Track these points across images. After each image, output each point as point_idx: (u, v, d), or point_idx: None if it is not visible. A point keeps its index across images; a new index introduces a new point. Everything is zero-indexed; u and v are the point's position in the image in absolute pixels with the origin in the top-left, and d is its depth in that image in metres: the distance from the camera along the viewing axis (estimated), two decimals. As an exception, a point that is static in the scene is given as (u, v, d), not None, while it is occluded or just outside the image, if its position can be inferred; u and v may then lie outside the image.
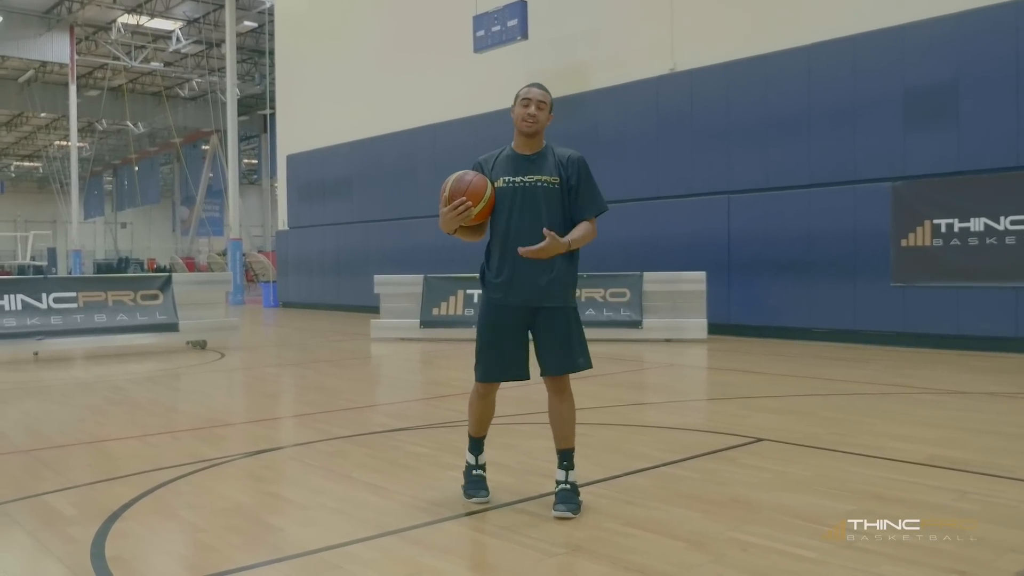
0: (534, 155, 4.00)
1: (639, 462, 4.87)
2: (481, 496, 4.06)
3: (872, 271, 11.24)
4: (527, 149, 4.01)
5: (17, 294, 10.48)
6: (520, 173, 3.94)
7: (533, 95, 3.97)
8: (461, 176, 3.89)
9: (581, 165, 4.04)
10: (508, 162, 3.98)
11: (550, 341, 3.94)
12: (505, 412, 6.48)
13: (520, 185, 3.91)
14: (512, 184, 3.91)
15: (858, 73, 11.38)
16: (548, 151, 4.03)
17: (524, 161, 3.97)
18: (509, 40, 14.57)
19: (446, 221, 3.86)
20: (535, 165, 3.97)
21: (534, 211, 3.89)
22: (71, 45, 33.83)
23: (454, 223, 3.86)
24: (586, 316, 11.95)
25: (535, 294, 3.90)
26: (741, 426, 5.89)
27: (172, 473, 4.73)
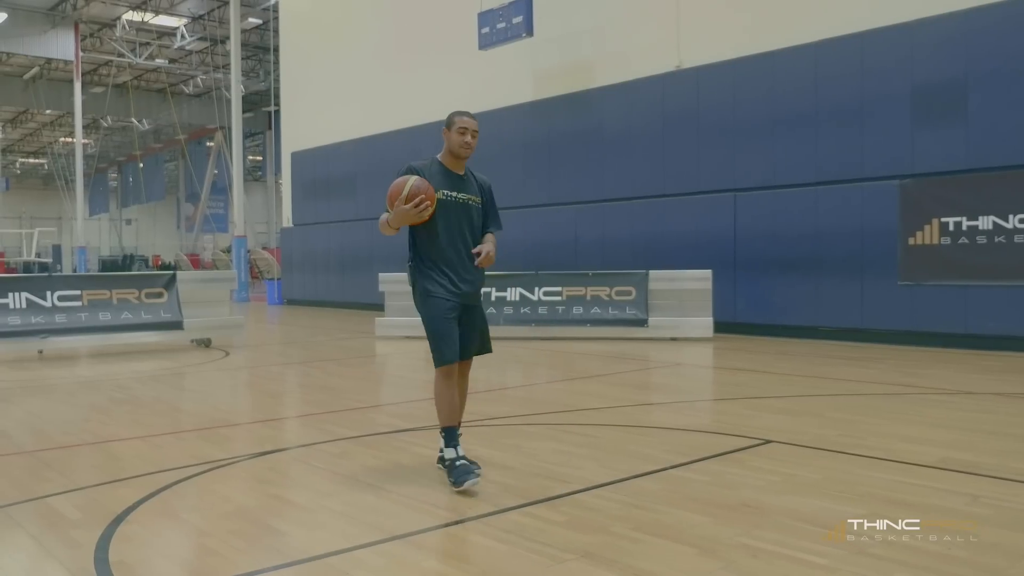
0: (464, 175, 4.64)
1: (646, 464, 4.82)
2: (472, 480, 4.30)
3: (879, 269, 11.18)
4: (459, 169, 4.63)
5: (22, 292, 10.46)
6: (456, 189, 4.55)
7: (469, 125, 4.56)
8: (415, 181, 4.35)
9: (492, 190, 4.83)
10: (444, 177, 4.53)
11: (474, 330, 4.71)
12: (513, 413, 6.45)
13: (459, 201, 4.55)
14: (452, 199, 4.52)
15: (866, 70, 11.31)
16: (470, 173, 4.70)
17: (458, 179, 4.59)
18: (514, 37, 14.51)
19: (403, 217, 4.34)
20: (466, 184, 4.63)
21: (470, 224, 4.62)
22: (76, 42, 33.82)
23: (410, 219, 4.37)
24: (591, 314, 11.97)
25: (470, 294, 4.64)
26: (749, 427, 5.84)
27: (177, 475, 4.69)
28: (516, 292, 12.62)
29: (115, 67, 37.58)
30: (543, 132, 15.51)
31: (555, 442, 5.49)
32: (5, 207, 53.98)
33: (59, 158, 50.78)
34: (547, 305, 12.50)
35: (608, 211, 14.41)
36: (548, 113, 15.44)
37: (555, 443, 5.45)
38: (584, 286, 12.45)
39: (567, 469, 4.74)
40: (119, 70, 38.37)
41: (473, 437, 5.65)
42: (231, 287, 12.63)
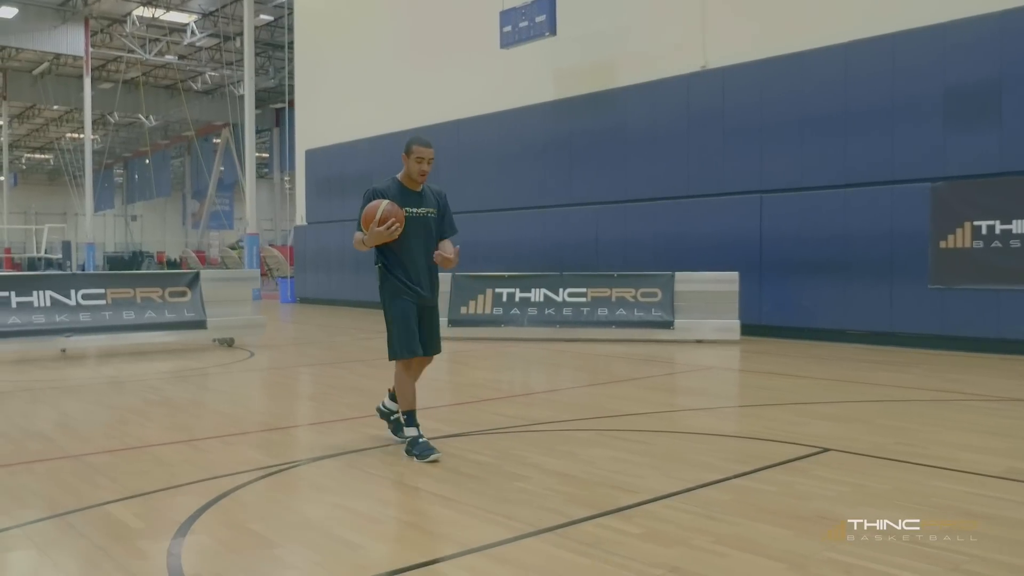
0: (420, 191, 5.25)
1: (709, 473, 4.73)
2: (436, 454, 5.03)
3: (910, 273, 11.08)
4: (416, 187, 5.23)
5: (46, 290, 10.38)
6: (415, 205, 5.18)
7: (426, 155, 5.12)
8: (387, 205, 4.97)
9: (447, 199, 5.41)
10: (403, 196, 5.15)
11: (433, 331, 5.36)
12: (557, 418, 6.35)
13: (418, 215, 5.19)
14: (412, 214, 5.14)
15: (897, 71, 11.20)
16: (426, 187, 5.28)
17: (416, 196, 5.22)
18: (537, 36, 14.41)
19: (377, 237, 4.94)
20: (423, 199, 5.25)
21: (428, 234, 5.25)
22: (86, 38, 33.74)
23: (383, 239, 4.97)
24: (616, 315, 11.88)
25: (427, 297, 5.28)
26: (801, 435, 5.74)
27: (231, 482, 4.60)
28: (540, 293, 12.52)
29: (125, 63, 37.48)
30: (564, 132, 15.41)
31: (609, 449, 5.39)
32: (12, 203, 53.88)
33: (65, 153, 50.70)
34: (572, 306, 12.39)
35: (630, 211, 14.31)
36: (569, 113, 15.34)
37: (610, 450, 5.35)
38: (609, 287, 12.35)
39: (629, 478, 4.65)
40: (128, 66, 38.29)
41: (525, 443, 5.57)
42: (253, 286, 12.53)
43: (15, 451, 5.41)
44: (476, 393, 7.84)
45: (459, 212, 18.00)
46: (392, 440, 5.51)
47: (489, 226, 16.71)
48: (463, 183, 17.41)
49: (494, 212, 16.67)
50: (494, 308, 12.59)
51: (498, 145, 16.67)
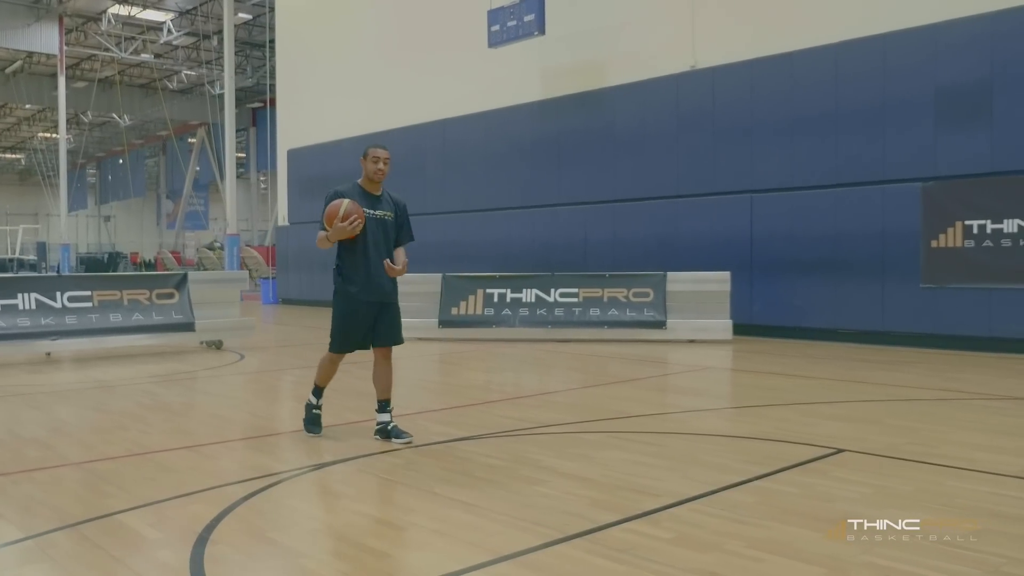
0: (380, 195, 5.61)
1: (728, 475, 4.68)
2: (316, 432, 5.72)
3: (901, 272, 11.13)
4: (375, 190, 5.59)
5: (31, 293, 10.16)
6: (374, 207, 5.52)
7: (381, 155, 5.51)
8: (348, 203, 5.30)
9: (406, 208, 5.78)
10: (363, 198, 5.48)
11: (389, 324, 5.65)
12: (564, 420, 6.27)
13: (376, 217, 5.51)
14: (370, 215, 5.46)
15: (888, 71, 11.25)
16: (386, 192, 5.66)
17: (375, 199, 5.57)
18: (525, 35, 14.34)
19: (340, 232, 5.29)
20: (381, 203, 5.60)
21: (386, 237, 5.57)
22: (60, 35, 33.24)
23: (346, 235, 5.30)
24: (608, 316, 11.84)
25: (382, 294, 5.56)
26: (812, 435, 5.72)
27: (243, 489, 4.49)
28: (532, 293, 12.45)
29: (99, 61, 36.97)
30: (552, 131, 15.35)
31: (622, 451, 5.33)
32: (-18, 203, 53.02)
33: (37, 153, 49.95)
34: (563, 307, 12.34)
35: (619, 211, 14.28)
36: (558, 112, 15.28)
37: (623, 452, 5.29)
38: (601, 287, 12.31)
39: (649, 481, 4.59)
40: (103, 65, 37.77)
41: (536, 445, 5.50)
42: (242, 288, 12.36)
43: (13, 459, 5.25)
44: (477, 395, 7.76)
45: (445, 212, 17.85)
46: (398, 443, 5.51)
47: (476, 226, 16.62)
48: (449, 183, 17.33)
49: (481, 212, 16.58)
50: (485, 309, 12.51)
51: (485, 145, 16.58)
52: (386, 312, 5.61)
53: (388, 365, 5.69)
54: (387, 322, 5.62)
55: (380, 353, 5.67)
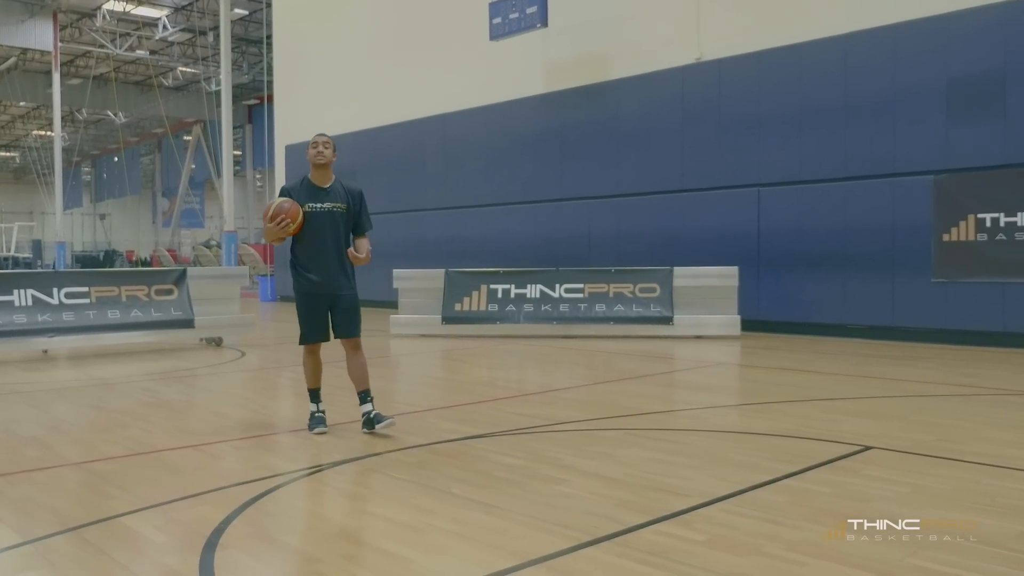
0: (328, 187, 5.56)
1: (756, 474, 4.50)
2: (321, 428, 5.61)
3: (912, 266, 10.96)
4: (322, 182, 5.56)
5: (28, 289, 9.94)
6: (320, 200, 5.50)
7: (319, 140, 5.54)
8: (281, 203, 5.36)
9: (362, 196, 5.73)
10: (309, 192, 5.51)
11: (346, 315, 5.63)
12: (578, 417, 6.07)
13: (323, 210, 5.48)
14: (317, 209, 5.47)
15: (898, 62, 11.08)
16: (337, 183, 5.62)
17: (321, 192, 5.53)
18: (528, 28, 14.15)
19: (270, 233, 5.41)
20: (330, 195, 5.55)
21: (335, 229, 5.54)
22: (55, 32, 32.96)
23: (276, 235, 5.40)
24: (615, 312, 11.66)
25: (334, 285, 5.55)
26: (836, 432, 5.54)
27: (252, 489, 4.29)
28: (536, 289, 12.25)
29: (94, 58, 36.68)
30: (555, 125, 15.16)
31: (643, 449, 5.15)
32: (-24, 202, 52.70)
33: (32, 151, 49.64)
34: (569, 302, 12.14)
35: (624, 206, 14.10)
36: (560, 106, 15.09)
37: (644, 450, 5.11)
38: (607, 283, 12.12)
39: (674, 480, 4.41)
40: (98, 61, 37.49)
41: (553, 443, 5.31)
42: (242, 284, 12.14)
43: (11, 459, 5.05)
44: (485, 392, 7.56)
45: (446, 208, 17.64)
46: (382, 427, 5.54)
47: (477, 222, 16.43)
48: (450, 178, 17.13)
49: (482, 207, 16.38)
50: (489, 305, 12.31)
51: (486, 139, 16.38)
52: (340, 304, 5.61)
53: (357, 356, 5.66)
54: (342, 314, 5.62)
55: (345, 345, 5.69)
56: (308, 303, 5.60)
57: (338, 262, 5.56)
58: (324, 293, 5.55)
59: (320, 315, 5.60)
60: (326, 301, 5.59)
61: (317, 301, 5.58)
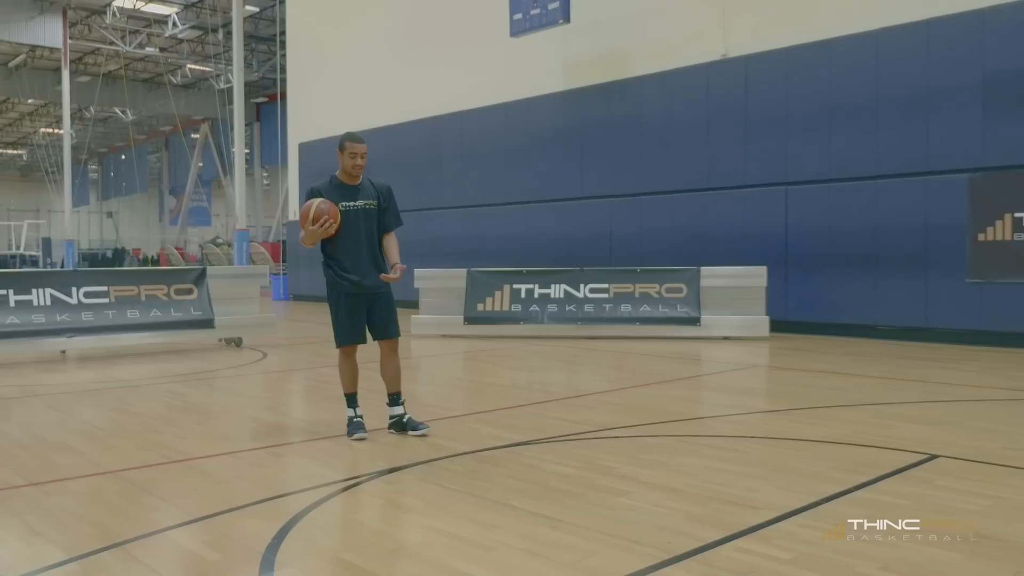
0: (358, 184, 5.48)
1: (826, 484, 4.29)
2: (360, 434, 5.42)
3: (945, 266, 10.73)
4: (352, 181, 5.47)
5: (46, 288, 9.77)
6: (353, 199, 5.41)
7: (359, 150, 5.38)
8: (319, 204, 5.23)
9: (390, 192, 5.62)
10: (340, 192, 5.40)
11: (383, 316, 5.52)
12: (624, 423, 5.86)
13: (355, 208, 5.40)
14: (351, 208, 5.38)
15: (932, 59, 10.84)
16: (366, 180, 5.53)
17: (353, 190, 5.45)
18: (550, 23, 13.93)
19: (313, 235, 5.25)
20: (361, 192, 5.46)
21: (368, 226, 5.45)
22: (64, 29, 32.80)
23: (319, 236, 5.25)
24: (640, 312, 11.45)
25: (370, 286, 5.45)
26: (895, 439, 5.33)
27: (300, 501, 4.10)
28: (560, 289, 12.04)
29: (103, 55, 36.53)
30: (575, 123, 14.94)
31: (700, 457, 4.94)
32: (-16, 199, 52.61)
33: (39, 149, 49.52)
34: (593, 303, 11.93)
35: (646, 205, 13.88)
36: (581, 103, 14.87)
37: (701, 459, 4.90)
38: (632, 283, 11.90)
39: (740, 491, 4.20)
40: (106, 59, 37.34)
41: (604, 451, 5.11)
42: (262, 283, 11.96)
43: (42, 467, 4.86)
44: (523, 396, 7.35)
45: (463, 206, 17.43)
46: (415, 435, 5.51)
47: (495, 220, 16.22)
48: (467, 176, 16.93)
49: (501, 206, 16.17)
50: (512, 305, 12.11)
51: (504, 137, 16.17)
52: (377, 303, 5.51)
53: (393, 357, 5.60)
54: (380, 315, 5.52)
55: (383, 346, 5.61)
56: (347, 304, 5.45)
57: (372, 260, 5.47)
58: (363, 293, 5.43)
59: (359, 316, 5.47)
60: (365, 301, 5.47)
61: (356, 301, 5.44)
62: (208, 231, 51.10)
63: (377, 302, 5.50)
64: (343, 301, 5.45)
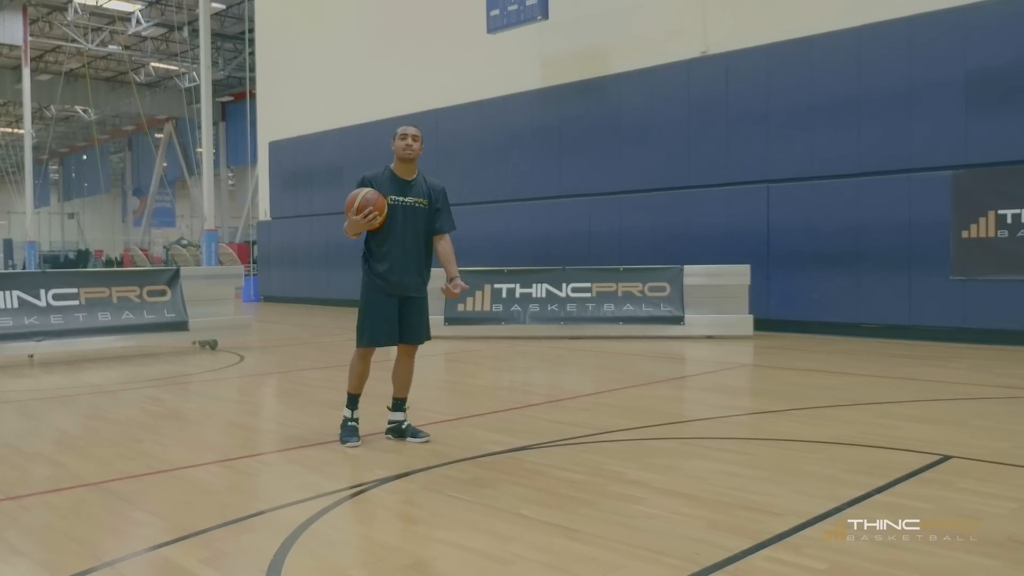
0: (412, 180, 5.21)
1: (844, 488, 4.15)
2: (354, 441, 5.21)
3: (929, 264, 10.72)
4: (406, 175, 5.20)
5: (13, 290, 9.40)
6: (404, 194, 5.15)
7: (409, 131, 5.17)
8: (366, 193, 4.98)
9: (444, 194, 5.35)
10: (393, 184, 5.14)
11: (414, 320, 5.26)
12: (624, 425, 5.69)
13: (406, 204, 5.14)
14: (400, 203, 5.12)
15: (914, 55, 10.83)
16: (421, 177, 5.26)
17: (405, 185, 5.17)
18: (528, 20, 13.77)
19: (356, 226, 5.00)
20: (413, 188, 5.19)
21: (416, 226, 5.18)
22: (24, 26, 32.02)
23: (362, 228, 5.02)
24: (623, 311, 11.31)
25: (408, 287, 5.18)
26: (902, 439, 5.22)
27: (299, 513, 3.87)
28: (542, 288, 11.88)
29: (64, 53, 35.75)
30: (553, 121, 14.79)
31: (709, 461, 4.79)
32: (-60, 200, 51.32)
33: (-1, 149, 48.46)
34: (576, 302, 11.78)
35: (625, 203, 13.76)
36: (558, 101, 14.72)
37: (710, 462, 4.75)
38: (615, 282, 11.76)
39: (759, 496, 4.05)
40: (67, 57, 36.56)
41: (609, 455, 4.94)
42: (237, 284, 11.65)
43: (20, 479, 4.59)
44: (515, 398, 7.17)
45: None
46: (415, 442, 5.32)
47: (472, 219, 15.94)
48: (443, 174, 16.51)
49: (477, 204, 15.96)
50: (493, 305, 11.91)
51: (481, 135, 15.97)
52: (410, 307, 5.24)
53: (410, 363, 5.42)
54: (412, 318, 5.26)
55: (403, 350, 5.38)
56: (378, 303, 5.17)
57: (414, 262, 5.22)
58: (396, 294, 5.17)
59: (389, 317, 5.17)
60: (396, 303, 5.19)
61: (388, 302, 5.16)
62: (172, 232, 50.24)
63: (411, 305, 5.24)
64: (375, 300, 5.18)
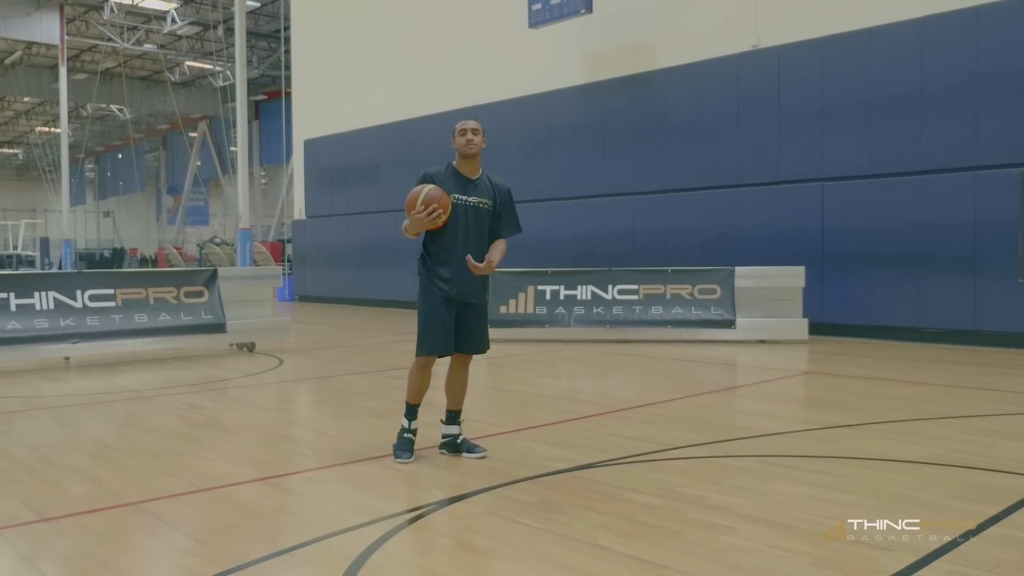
0: (476, 179, 4.92)
1: (951, 517, 3.75)
2: (406, 457, 4.91)
3: (996, 266, 10.21)
4: (470, 173, 4.92)
5: (49, 291, 9.20)
6: (467, 193, 4.85)
7: (468, 125, 4.90)
8: (430, 190, 4.68)
9: (509, 195, 5.06)
10: (456, 182, 4.85)
11: (472, 328, 4.97)
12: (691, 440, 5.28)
13: (469, 204, 4.84)
14: (463, 202, 4.83)
15: (981, 47, 10.32)
16: (485, 177, 4.97)
17: (469, 184, 4.89)
18: (571, 13, 13.39)
19: (419, 224, 4.69)
20: (477, 188, 4.90)
21: (478, 227, 4.88)
22: (61, 25, 32.15)
23: (425, 226, 4.70)
24: (672, 314, 10.93)
25: (468, 292, 4.88)
26: (1002, 459, 4.80)
27: (354, 541, 3.54)
28: (587, 290, 11.50)
29: (100, 52, 35.90)
30: (596, 117, 14.40)
31: (793, 483, 4.40)
32: (-21, 199, 51.92)
33: (36, 148, 48.85)
34: (622, 304, 11.39)
35: (672, 202, 13.34)
36: (602, 97, 14.32)
37: (796, 484, 4.37)
38: (663, 284, 11.36)
39: (857, 526, 3.66)
40: (104, 56, 36.72)
41: (682, 475, 4.57)
42: (275, 285, 11.41)
43: (55, 497, 4.31)
44: (570, 408, 6.80)
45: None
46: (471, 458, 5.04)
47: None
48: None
49: (518, 203, 15.44)
50: (537, 307, 11.55)
51: (521, 132, 15.60)
52: (468, 314, 4.95)
53: (464, 374, 5.14)
54: (470, 326, 4.97)
55: (458, 360, 5.08)
56: (437, 309, 4.85)
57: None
58: (456, 300, 4.88)
59: (448, 324, 4.87)
60: (455, 309, 4.90)
61: (447, 308, 4.86)
62: (206, 230, 50.41)
63: (471, 312, 4.96)
64: (434, 305, 4.86)
